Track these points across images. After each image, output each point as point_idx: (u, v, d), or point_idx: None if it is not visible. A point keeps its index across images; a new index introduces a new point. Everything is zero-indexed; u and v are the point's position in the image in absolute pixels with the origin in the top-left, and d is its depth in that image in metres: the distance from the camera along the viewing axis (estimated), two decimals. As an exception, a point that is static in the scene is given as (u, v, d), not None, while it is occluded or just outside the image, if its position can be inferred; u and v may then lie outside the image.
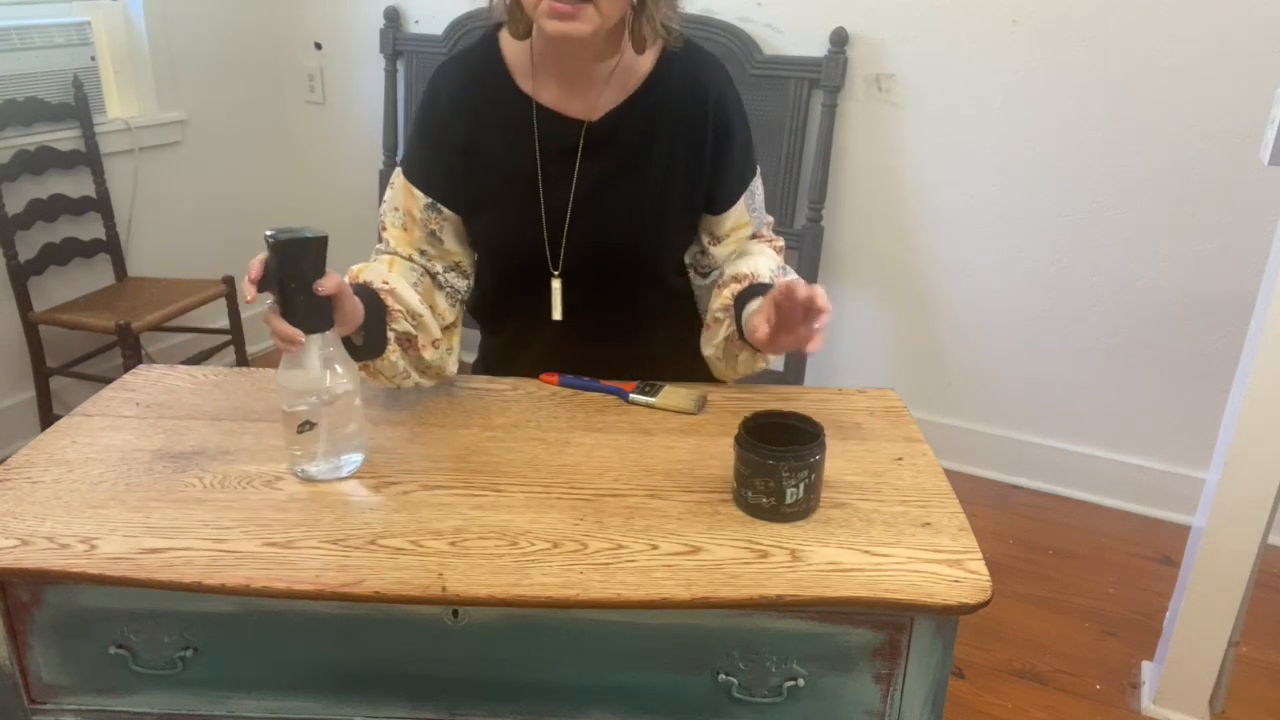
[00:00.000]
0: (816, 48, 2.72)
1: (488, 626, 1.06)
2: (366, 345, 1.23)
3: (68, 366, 2.87)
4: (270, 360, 3.57)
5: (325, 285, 1.09)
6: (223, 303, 2.99)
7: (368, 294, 1.25)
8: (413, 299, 1.31)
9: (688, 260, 1.48)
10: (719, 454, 1.26)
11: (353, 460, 1.20)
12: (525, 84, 1.34)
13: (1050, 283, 2.68)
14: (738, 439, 1.13)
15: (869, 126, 2.76)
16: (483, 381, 1.46)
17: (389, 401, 1.40)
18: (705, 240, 1.43)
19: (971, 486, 2.84)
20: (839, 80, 2.70)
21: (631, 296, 1.44)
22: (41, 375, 2.82)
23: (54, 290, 2.88)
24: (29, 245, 2.75)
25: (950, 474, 1.22)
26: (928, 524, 1.12)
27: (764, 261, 1.40)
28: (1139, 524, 2.70)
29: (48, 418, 2.86)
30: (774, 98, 2.76)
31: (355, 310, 1.17)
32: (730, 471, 1.16)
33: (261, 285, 1.08)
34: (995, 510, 2.74)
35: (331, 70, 3.51)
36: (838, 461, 1.24)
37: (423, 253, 1.38)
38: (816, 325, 1.16)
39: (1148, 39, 2.40)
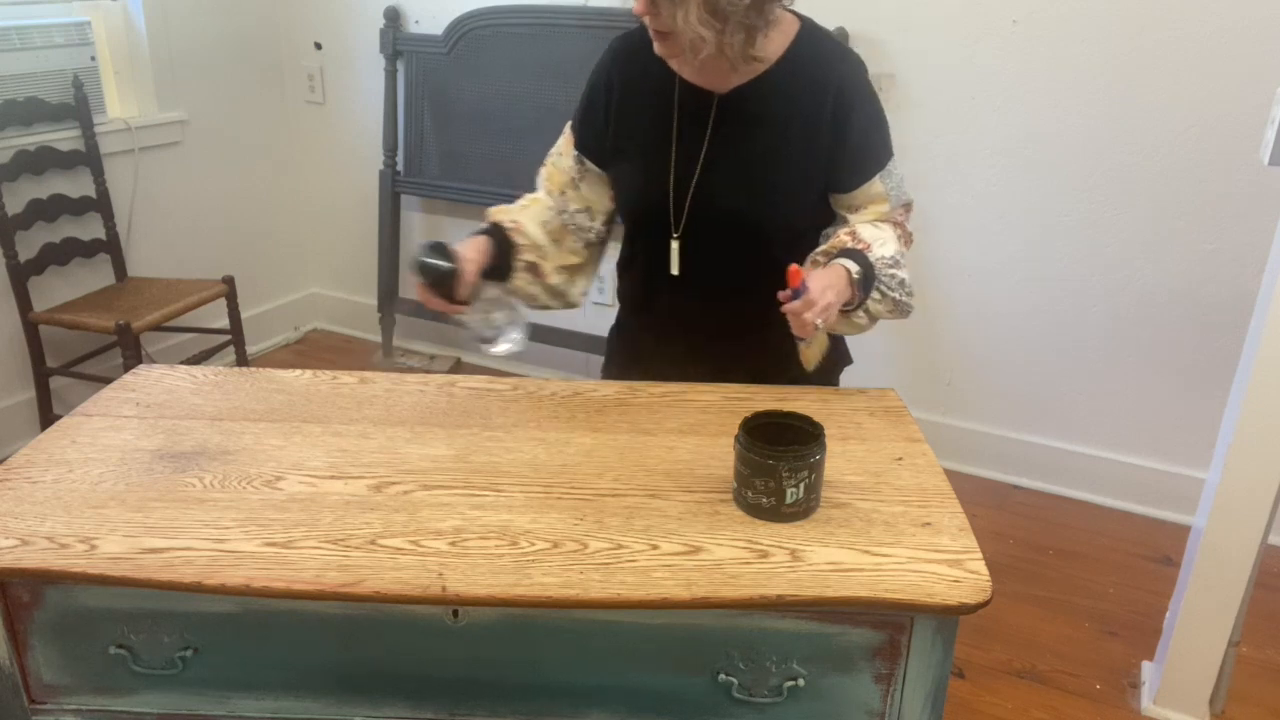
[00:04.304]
0: (816, 48, 2.72)
1: (488, 626, 1.06)
2: (495, 273, 1.48)
3: (68, 366, 2.87)
4: (269, 360, 3.59)
5: (462, 294, 1.38)
6: (223, 303, 2.98)
7: (498, 232, 1.49)
8: (537, 233, 1.53)
9: (827, 232, 1.55)
10: (719, 454, 1.26)
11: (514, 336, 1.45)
12: (672, 62, 1.47)
13: (1050, 283, 2.68)
14: (738, 439, 1.13)
15: (869, 126, 2.76)
16: (482, 381, 1.46)
17: (389, 401, 1.40)
18: (844, 213, 1.52)
19: (971, 486, 2.83)
20: (839, 80, 2.69)
21: (747, 261, 1.49)
22: (41, 375, 2.82)
23: (54, 290, 2.88)
24: (29, 245, 2.75)
25: (950, 474, 1.22)
26: (928, 524, 1.12)
27: (884, 239, 1.45)
28: (1139, 524, 2.70)
29: (48, 418, 2.86)
30: (774, 98, 2.76)
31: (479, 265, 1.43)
32: (730, 471, 1.16)
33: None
34: (995, 510, 2.74)
35: (331, 70, 3.51)
36: (838, 461, 1.24)
37: (563, 194, 1.57)
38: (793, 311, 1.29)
39: (1147, 39, 2.40)
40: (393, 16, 3.28)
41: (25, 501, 1.14)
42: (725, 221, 1.47)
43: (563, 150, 1.58)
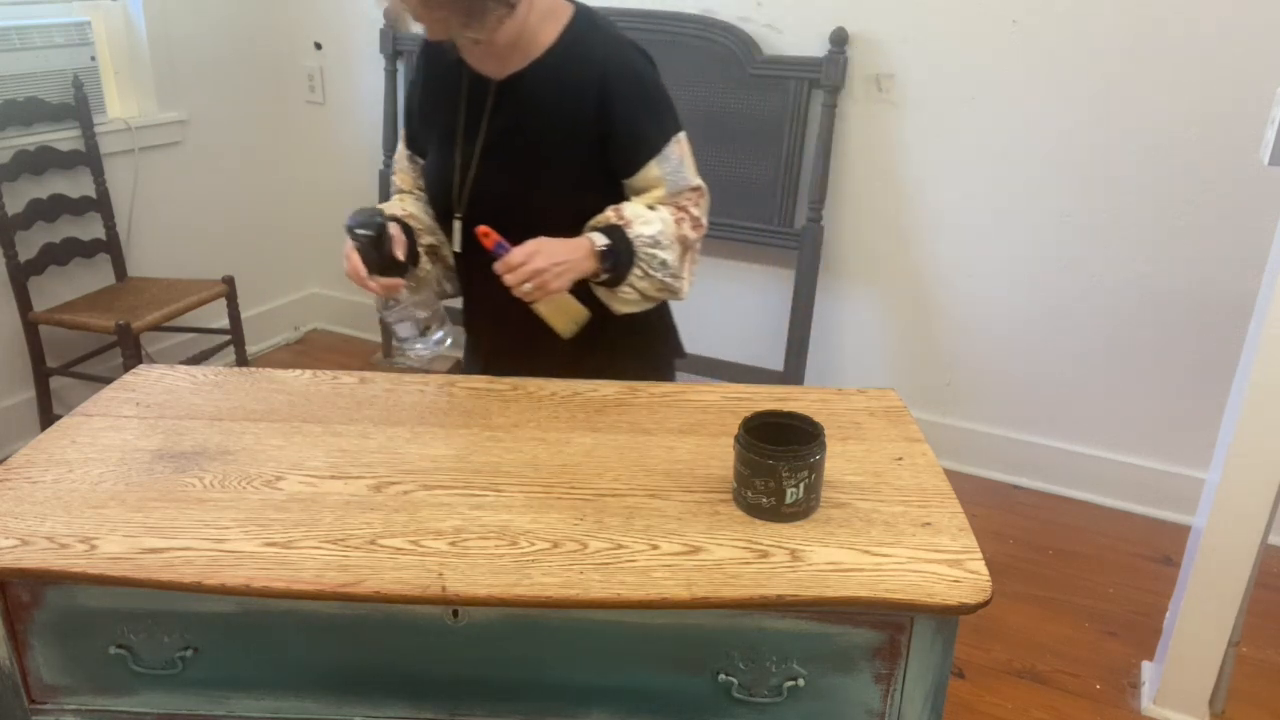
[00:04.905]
0: (816, 48, 2.72)
1: (488, 626, 1.06)
2: (402, 265, 1.48)
3: (68, 366, 2.87)
4: (269, 360, 3.59)
5: (398, 252, 1.41)
6: (223, 303, 2.98)
7: (396, 222, 1.47)
8: (428, 219, 1.58)
9: None
10: (719, 454, 1.26)
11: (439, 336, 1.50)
12: (463, 52, 1.51)
13: (1050, 282, 2.68)
14: (738, 439, 1.13)
15: (869, 126, 2.76)
16: (482, 382, 1.46)
17: (389, 402, 1.40)
18: (632, 197, 1.53)
19: (972, 486, 2.83)
20: (839, 80, 2.70)
21: (524, 240, 1.46)
22: (41, 375, 2.82)
23: (54, 290, 2.88)
24: (29, 245, 2.75)
25: (950, 474, 1.22)
26: (928, 524, 1.12)
27: (650, 219, 1.45)
28: (1139, 524, 2.70)
29: (48, 418, 2.86)
30: (774, 98, 2.76)
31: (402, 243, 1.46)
32: (730, 471, 1.16)
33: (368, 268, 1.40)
34: (995, 510, 2.74)
35: (331, 70, 3.51)
36: (838, 461, 1.24)
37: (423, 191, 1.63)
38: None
39: (1147, 39, 2.40)
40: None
41: (25, 501, 1.14)
42: (500, 206, 1.49)
43: (399, 153, 1.66)
